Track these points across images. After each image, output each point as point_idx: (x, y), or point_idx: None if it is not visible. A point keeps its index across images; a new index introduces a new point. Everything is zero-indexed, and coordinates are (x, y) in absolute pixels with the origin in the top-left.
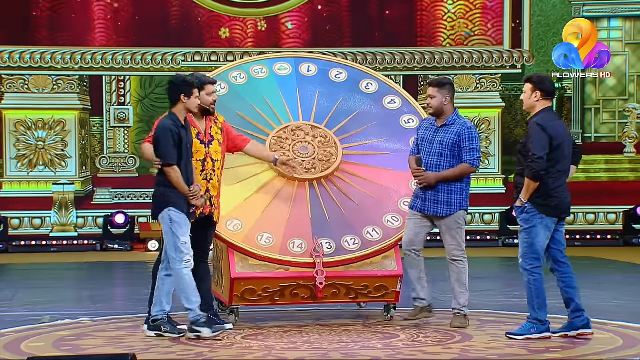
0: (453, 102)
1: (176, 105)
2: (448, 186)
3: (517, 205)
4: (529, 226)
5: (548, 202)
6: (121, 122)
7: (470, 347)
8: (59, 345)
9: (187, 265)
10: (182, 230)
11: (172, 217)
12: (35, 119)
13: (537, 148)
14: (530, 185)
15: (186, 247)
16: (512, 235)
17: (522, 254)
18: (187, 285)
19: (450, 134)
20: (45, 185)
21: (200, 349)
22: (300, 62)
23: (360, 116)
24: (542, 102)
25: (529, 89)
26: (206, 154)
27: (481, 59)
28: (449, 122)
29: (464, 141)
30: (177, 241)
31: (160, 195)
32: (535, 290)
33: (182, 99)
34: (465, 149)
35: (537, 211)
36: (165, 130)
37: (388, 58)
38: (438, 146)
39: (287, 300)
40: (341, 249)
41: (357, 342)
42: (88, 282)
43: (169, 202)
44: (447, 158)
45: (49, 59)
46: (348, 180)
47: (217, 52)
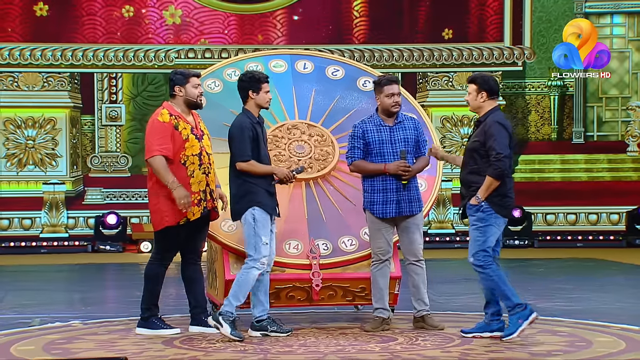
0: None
1: (246, 101)
2: (415, 182)
3: (473, 204)
4: (485, 225)
5: (504, 202)
6: (113, 121)
7: (470, 350)
8: (49, 348)
9: (260, 267)
10: (264, 231)
11: (256, 216)
12: (25, 117)
13: (501, 147)
14: (493, 184)
15: (266, 249)
16: (513, 236)
17: (474, 252)
18: (247, 286)
19: (410, 130)
20: (35, 185)
21: (194, 352)
22: (296, 59)
23: (358, 114)
24: (489, 102)
25: (474, 90)
26: (201, 147)
27: (481, 55)
28: (400, 119)
29: (421, 134)
30: (259, 241)
31: (244, 195)
32: (499, 279)
33: (251, 95)
34: (422, 142)
35: (493, 210)
36: (241, 128)
37: (386, 55)
38: (402, 145)
39: (283, 302)
40: (338, 250)
41: (354, 346)
42: (79, 284)
43: (253, 201)
44: (411, 155)
45: (39, 56)
46: (345, 180)
47: (211, 48)
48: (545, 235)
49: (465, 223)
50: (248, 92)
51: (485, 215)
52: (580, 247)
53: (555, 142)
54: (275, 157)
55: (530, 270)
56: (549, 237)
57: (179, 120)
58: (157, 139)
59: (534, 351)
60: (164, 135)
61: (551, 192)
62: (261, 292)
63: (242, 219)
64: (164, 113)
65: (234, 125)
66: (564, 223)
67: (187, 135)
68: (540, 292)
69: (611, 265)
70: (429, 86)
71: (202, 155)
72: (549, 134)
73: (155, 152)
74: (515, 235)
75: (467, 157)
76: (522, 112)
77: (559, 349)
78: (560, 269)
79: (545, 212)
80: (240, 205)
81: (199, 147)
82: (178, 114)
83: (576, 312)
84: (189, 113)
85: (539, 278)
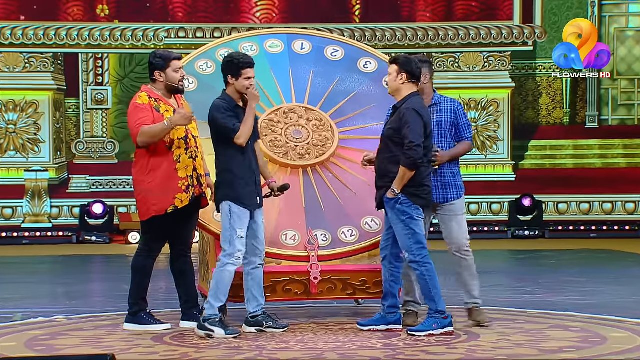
0: (433, 82)
1: (227, 86)
2: (451, 168)
3: (390, 197)
4: (407, 217)
5: (420, 192)
6: (99, 104)
7: (476, 346)
8: (31, 345)
9: (235, 262)
10: (240, 223)
11: (232, 208)
12: (6, 100)
13: (415, 135)
14: (407, 174)
15: (241, 243)
16: (523, 226)
17: (408, 247)
18: (225, 284)
19: (447, 113)
20: (17, 172)
21: (186, 349)
22: (293, 39)
23: (359, 97)
24: (408, 85)
25: (395, 71)
26: (186, 130)
27: (489, 35)
28: (436, 102)
29: (461, 117)
30: (234, 235)
31: (221, 184)
32: (431, 281)
33: (230, 80)
34: (462, 126)
35: (410, 201)
36: (218, 108)
37: (388, 34)
38: (436, 128)
39: (279, 296)
40: (337, 241)
41: (355, 342)
42: (63, 277)
43: (229, 196)
44: (447, 139)
45: (20, 35)
46: (345, 167)
47: (203, 27)
48: (556, 225)
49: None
50: (227, 76)
51: (405, 208)
52: (593, 237)
53: (568, 126)
54: (271, 143)
55: (541, 262)
56: (561, 227)
57: (160, 102)
58: (137, 118)
59: (545, 347)
60: (144, 112)
61: (563, 179)
62: (254, 287)
63: (220, 209)
64: (142, 96)
65: (212, 109)
66: (577, 212)
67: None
68: (552, 285)
69: (627, 257)
70: (434, 67)
71: (189, 138)
72: (561, 117)
73: (137, 128)
74: (525, 226)
75: (383, 145)
76: (533, 94)
77: (571, 345)
78: (573, 261)
79: (556, 200)
80: (218, 196)
81: (184, 130)
82: (158, 96)
83: (589, 307)
84: (171, 97)
85: (550, 270)
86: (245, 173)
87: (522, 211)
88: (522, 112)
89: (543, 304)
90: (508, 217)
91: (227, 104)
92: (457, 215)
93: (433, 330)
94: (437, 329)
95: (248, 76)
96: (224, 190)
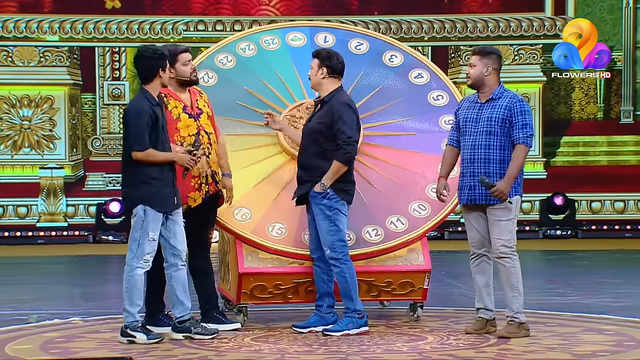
0: (499, 75)
1: (150, 81)
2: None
3: (318, 191)
4: (333, 213)
5: (348, 188)
6: (116, 99)
7: (507, 350)
8: (47, 347)
9: (144, 265)
10: (153, 226)
11: (147, 211)
12: (20, 95)
13: (351, 130)
14: (341, 169)
15: (151, 246)
16: (554, 225)
17: (330, 243)
18: (137, 289)
19: (500, 109)
20: (32, 169)
21: (205, 352)
22: (316, 32)
23: (384, 92)
24: (330, 80)
25: (316, 65)
26: (198, 127)
27: (519, 27)
28: (495, 96)
29: (515, 115)
30: (145, 237)
31: (136, 186)
32: (350, 279)
33: (160, 74)
34: (517, 125)
35: (339, 197)
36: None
37: (414, 27)
38: (486, 124)
39: (302, 298)
40: (362, 240)
41: (380, 345)
42: (79, 277)
43: (145, 200)
44: (497, 136)
45: (35, 28)
46: (369, 165)
47: (223, 20)
48: (590, 224)
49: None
50: (158, 71)
51: (332, 203)
52: (628, 237)
53: (602, 122)
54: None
55: (574, 263)
56: (594, 227)
57: (169, 98)
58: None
59: (578, 351)
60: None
61: (597, 176)
62: (179, 291)
63: (133, 209)
64: None
65: (130, 110)
66: (611, 211)
67: (179, 115)
68: (585, 287)
69: None
70: (462, 61)
71: (201, 135)
72: (595, 113)
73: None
74: (557, 225)
75: (309, 140)
76: (565, 89)
77: (605, 349)
78: (607, 262)
79: (590, 199)
80: (131, 197)
81: (196, 126)
82: (168, 91)
83: (624, 309)
84: (184, 90)
85: (583, 271)
86: (158, 173)
87: (553, 210)
88: (554, 107)
89: (576, 307)
90: (539, 216)
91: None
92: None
93: (349, 330)
94: (352, 328)
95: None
96: (141, 192)
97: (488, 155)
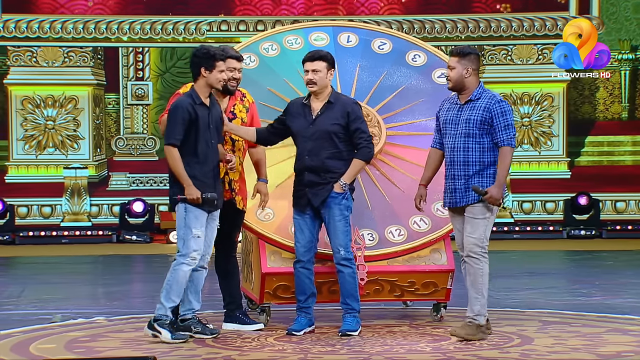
0: (478, 75)
1: (196, 80)
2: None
3: (339, 192)
4: (350, 213)
5: (353, 187)
6: (139, 99)
7: (531, 350)
8: (71, 347)
9: (190, 262)
10: (196, 222)
11: (188, 207)
12: (45, 95)
13: (367, 128)
14: (362, 168)
15: (197, 243)
16: (579, 225)
17: (345, 244)
18: (178, 285)
19: (478, 110)
20: (56, 169)
21: (228, 352)
22: (339, 32)
23: (407, 92)
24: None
25: (324, 67)
26: (224, 132)
27: (544, 26)
28: (474, 97)
29: (496, 117)
30: (189, 234)
31: (176, 182)
32: (354, 281)
33: (203, 73)
34: (499, 127)
35: (351, 196)
36: (176, 108)
37: (438, 27)
38: (464, 125)
39: (324, 298)
40: (385, 240)
41: (403, 345)
42: (103, 277)
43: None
44: (475, 138)
45: (60, 29)
46: (392, 164)
47: (246, 20)
48: (614, 224)
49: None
50: (200, 69)
51: (350, 203)
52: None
53: (626, 121)
54: None
55: (598, 264)
56: (619, 227)
57: None
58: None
59: (602, 352)
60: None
61: (621, 176)
62: (191, 290)
63: (175, 208)
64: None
65: (171, 105)
66: (636, 211)
67: None
68: (609, 287)
69: None
70: (486, 61)
71: (226, 141)
72: (619, 112)
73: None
74: (582, 225)
75: (321, 142)
76: (590, 88)
77: (630, 350)
78: (632, 262)
79: (614, 199)
80: (172, 193)
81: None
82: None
83: None
84: (222, 96)
85: (607, 272)
86: (199, 171)
87: (578, 210)
88: (578, 107)
89: (600, 307)
90: (563, 216)
91: (190, 101)
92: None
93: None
94: (359, 327)
95: (222, 69)
96: (180, 187)
97: (467, 157)
